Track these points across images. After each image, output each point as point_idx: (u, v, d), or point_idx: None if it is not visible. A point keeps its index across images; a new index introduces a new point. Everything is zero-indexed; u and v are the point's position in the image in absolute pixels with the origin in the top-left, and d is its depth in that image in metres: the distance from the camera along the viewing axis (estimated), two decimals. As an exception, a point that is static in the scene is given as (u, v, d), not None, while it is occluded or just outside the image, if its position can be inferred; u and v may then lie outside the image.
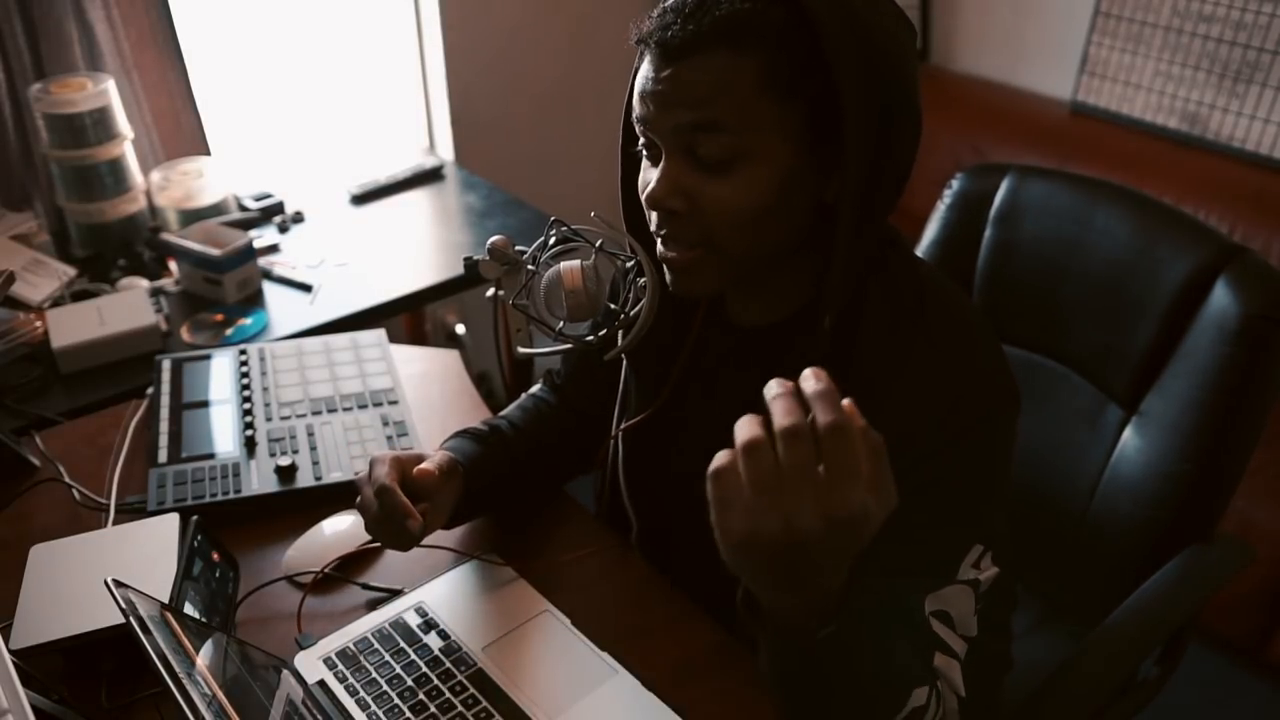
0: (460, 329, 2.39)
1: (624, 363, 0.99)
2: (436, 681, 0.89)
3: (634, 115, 0.79)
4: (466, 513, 1.01)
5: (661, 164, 0.78)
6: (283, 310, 1.63)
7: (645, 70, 0.77)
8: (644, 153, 0.82)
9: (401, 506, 0.87)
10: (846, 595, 0.65)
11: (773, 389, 0.56)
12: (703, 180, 0.76)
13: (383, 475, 0.89)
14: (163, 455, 1.15)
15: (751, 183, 0.75)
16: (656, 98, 0.76)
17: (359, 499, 0.91)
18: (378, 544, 1.04)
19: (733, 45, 0.72)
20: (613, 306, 0.87)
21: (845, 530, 0.55)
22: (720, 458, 0.57)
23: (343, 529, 1.06)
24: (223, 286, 1.62)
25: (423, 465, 0.92)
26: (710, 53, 0.72)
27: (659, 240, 0.82)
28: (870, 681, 0.72)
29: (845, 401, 0.55)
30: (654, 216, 0.80)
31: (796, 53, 0.72)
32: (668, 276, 0.83)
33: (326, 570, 1.01)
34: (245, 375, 1.29)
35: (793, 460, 0.54)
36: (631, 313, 0.85)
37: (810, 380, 0.56)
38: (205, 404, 1.24)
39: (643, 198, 0.80)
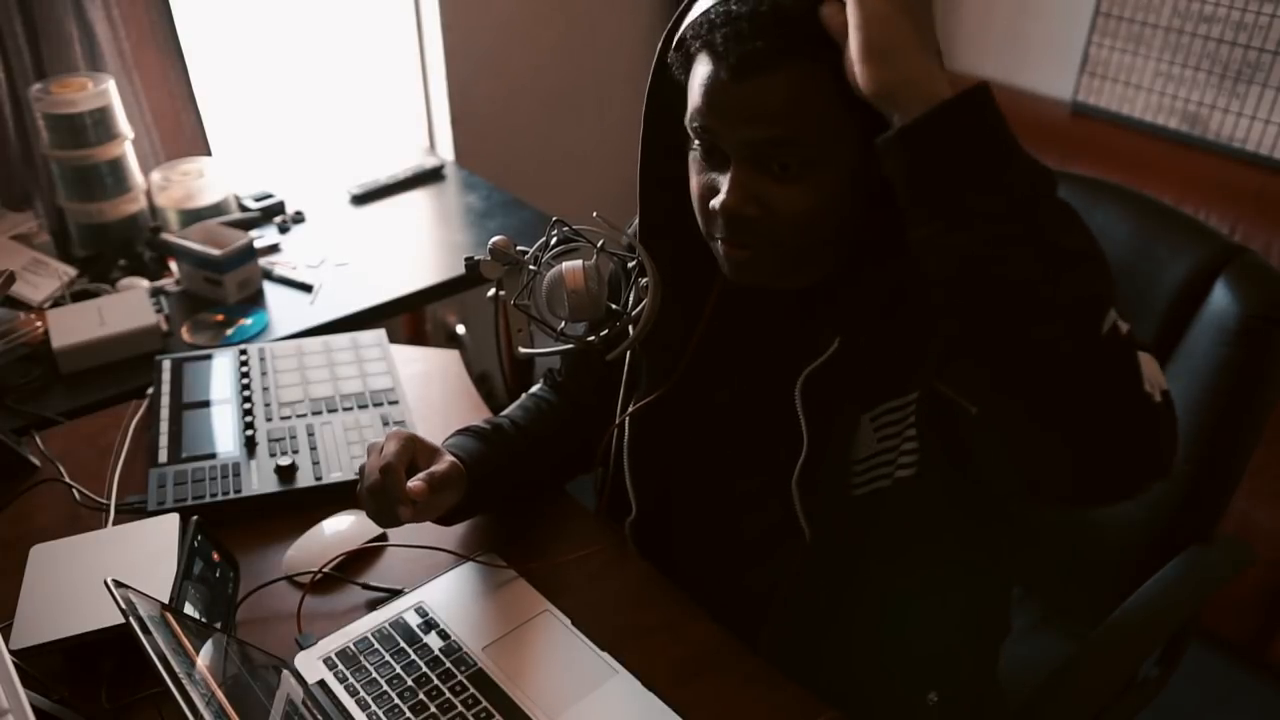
0: (460, 329, 2.39)
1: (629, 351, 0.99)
2: (436, 681, 0.89)
3: (693, 123, 0.78)
4: (468, 510, 1.02)
5: (732, 173, 0.77)
6: (283, 310, 1.64)
7: (710, 79, 0.75)
8: (698, 153, 0.81)
9: (399, 491, 0.88)
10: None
11: None
12: (774, 186, 0.77)
13: (392, 454, 0.90)
14: (163, 455, 1.15)
15: (822, 186, 0.76)
16: (729, 111, 0.75)
17: (364, 464, 0.93)
18: (378, 544, 1.05)
19: (810, 56, 0.71)
20: (614, 306, 0.87)
21: None
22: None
23: (343, 529, 1.06)
24: (223, 286, 1.62)
25: (416, 480, 0.91)
26: (786, 69, 0.72)
27: (722, 240, 0.82)
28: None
29: None
30: (719, 221, 0.80)
31: None
32: (725, 268, 0.83)
33: (326, 570, 1.01)
34: (245, 375, 1.29)
35: None
36: (634, 312, 0.86)
37: None
38: (205, 404, 1.24)
39: (711, 204, 0.79)
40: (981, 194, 0.65)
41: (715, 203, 0.79)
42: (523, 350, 0.91)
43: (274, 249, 1.81)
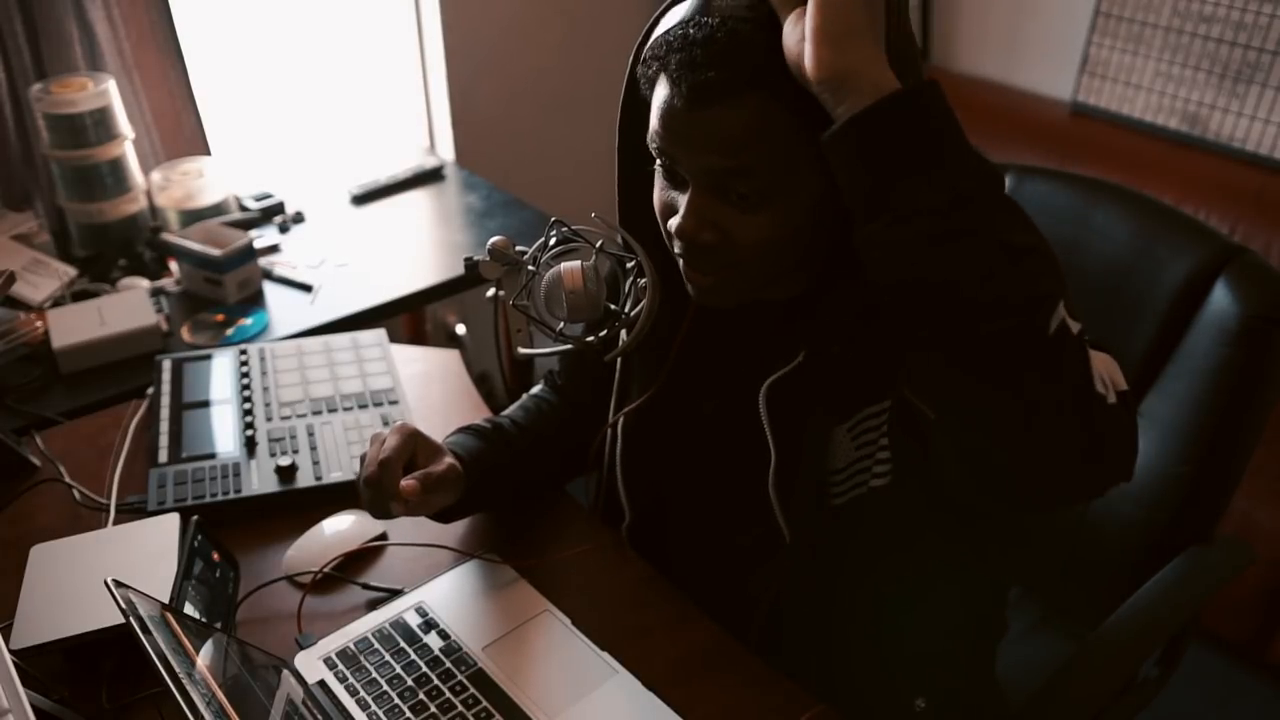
0: (460, 329, 2.39)
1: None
2: (436, 681, 0.89)
3: (654, 143, 0.77)
4: (466, 508, 1.02)
5: (690, 198, 0.76)
6: (283, 310, 1.64)
7: (668, 104, 0.74)
8: (660, 171, 0.81)
9: (392, 488, 0.89)
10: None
11: None
12: (734, 214, 0.76)
13: (391, 448, 0.91)
14: (163, 455, 1.16)
15: (785, 215, 0.75)
16: (685, 139, 0.74)
17: (365, 453, 0.93)
18: (378, 544, 1.05)
19: (766, 86, 0.70)
20: (612, 307, 0.87)
21: None
22: None
23: (343, 529, 1.06)
24: (223, 286, 1.62)
25: (410, 479, 0.91)
26: (743, 96, 0.70)
27: (681, 260, 0.81)
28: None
29: None
30: (679, 244, 0.79)
31: None
32: (691, 291, 0.83)
33: (326, 570, 1.01)
34: (245, 375, 1.29)
35: None
36: (632, 313, 0.86)
37: None
38: (205, 404, 1.24)
39: (669, 224, 0.79)
40: (926, 188, 0.63)
41: (672, 225, 0.78)
42: (522, 350, 0.91)
43: (274, 249, 1.81)
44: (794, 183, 0.74)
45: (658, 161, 0.80)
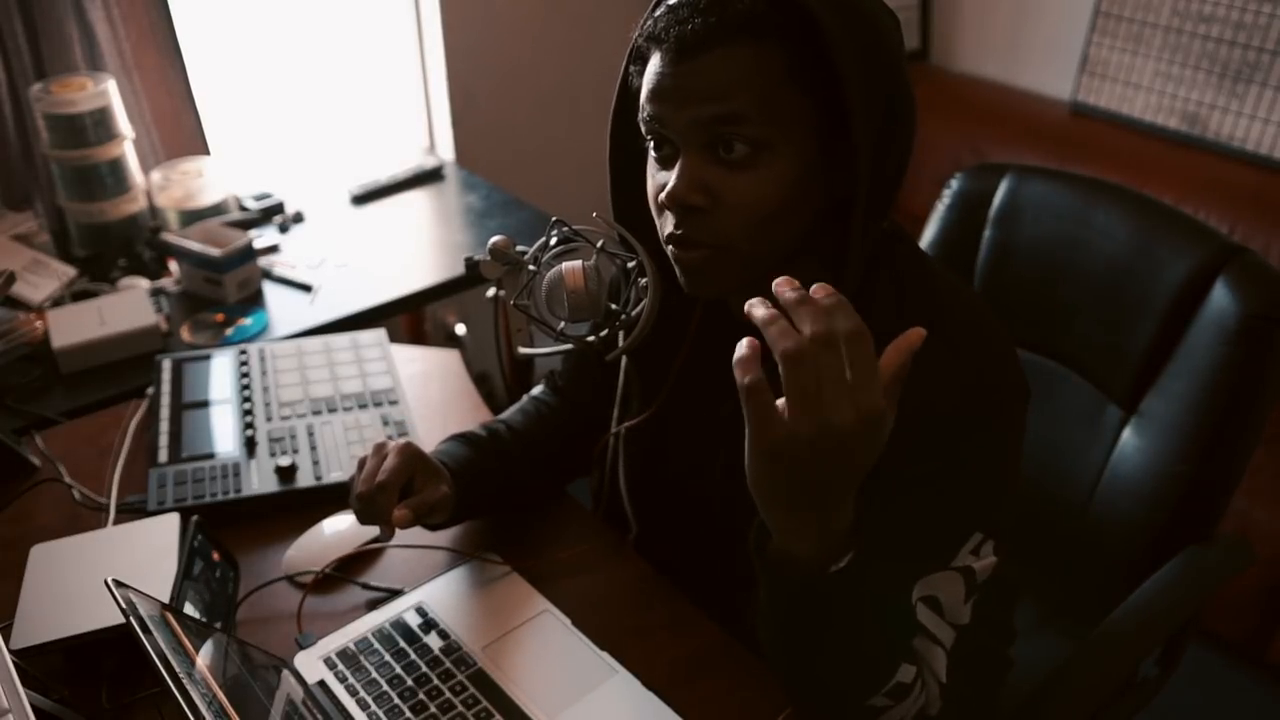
0: (460, 329, 2.39)
1: (623, 361, 0.99)
2: (436, 681, 0.89)
3: (643, 116, 0.78)
4: (457, 518, 1.02)
5: (680, 161, 0.76)
6: (283, 310, 1.63)
7: (657, 68, 0.75)
8: (652, 155, 0.81)
9: (385, 513, 0.90)
10: (855, 540, 0.69)
11: (787, 295, 0.61)
12: (724, 175, 0.75)
13: (390, 470, 0.91)
14: (163, 455, 1.16)
15: (773, 176, 0.75)
16: (675, 93, 0.75)
17: (363, 459, 0.94)
18: (378, 544, 1.05)
19: (754, 35, 0.72)
20: (614, 307, 0.87)
21: (874, 429, 0.59)
22: (754, 373, 0.60)
23: (343, 529, 1.06)
24: (223, 286, 1.62)
25: (403, 508, 0.92)
26: (731, 44, 0.72)
27: (673, 242, 0.81)
28: (868, 638, 0.74)
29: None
30: (670, 217, 0.79)
31: (809, 47, 0.72)
32: (681, 278, 0.82)
33: (326, 570, 1.01)
34: (245, 375, 1.29)
35: (828, 364, 0.58)
36: (633, 313, 0.85)
37: (820, 293, 0.60)
38: (205, 404, 1.24)
39: (659, 199, 0.79)
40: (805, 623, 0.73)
41: (663, 195, 0.78)
42: (522, 350, 0.91)
43: (274, 249, 1.81)
44: (782, 138, 0.74)
45: (650, 144, 0.80)
